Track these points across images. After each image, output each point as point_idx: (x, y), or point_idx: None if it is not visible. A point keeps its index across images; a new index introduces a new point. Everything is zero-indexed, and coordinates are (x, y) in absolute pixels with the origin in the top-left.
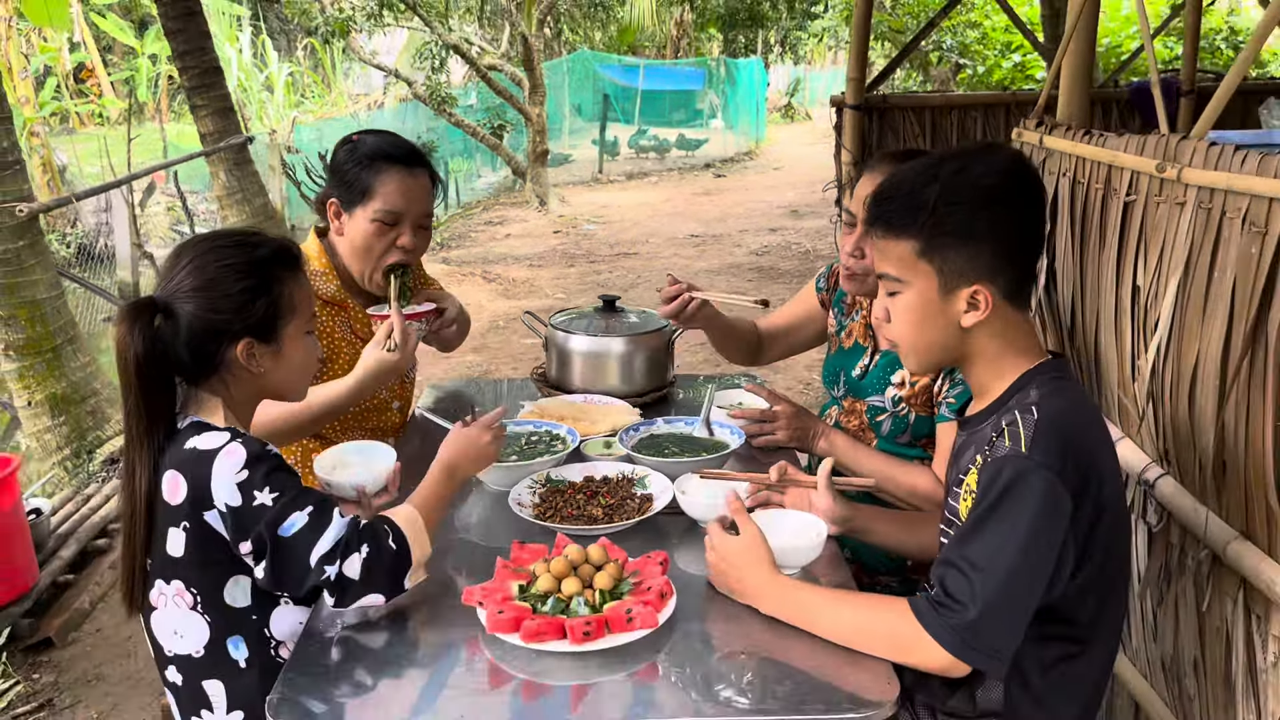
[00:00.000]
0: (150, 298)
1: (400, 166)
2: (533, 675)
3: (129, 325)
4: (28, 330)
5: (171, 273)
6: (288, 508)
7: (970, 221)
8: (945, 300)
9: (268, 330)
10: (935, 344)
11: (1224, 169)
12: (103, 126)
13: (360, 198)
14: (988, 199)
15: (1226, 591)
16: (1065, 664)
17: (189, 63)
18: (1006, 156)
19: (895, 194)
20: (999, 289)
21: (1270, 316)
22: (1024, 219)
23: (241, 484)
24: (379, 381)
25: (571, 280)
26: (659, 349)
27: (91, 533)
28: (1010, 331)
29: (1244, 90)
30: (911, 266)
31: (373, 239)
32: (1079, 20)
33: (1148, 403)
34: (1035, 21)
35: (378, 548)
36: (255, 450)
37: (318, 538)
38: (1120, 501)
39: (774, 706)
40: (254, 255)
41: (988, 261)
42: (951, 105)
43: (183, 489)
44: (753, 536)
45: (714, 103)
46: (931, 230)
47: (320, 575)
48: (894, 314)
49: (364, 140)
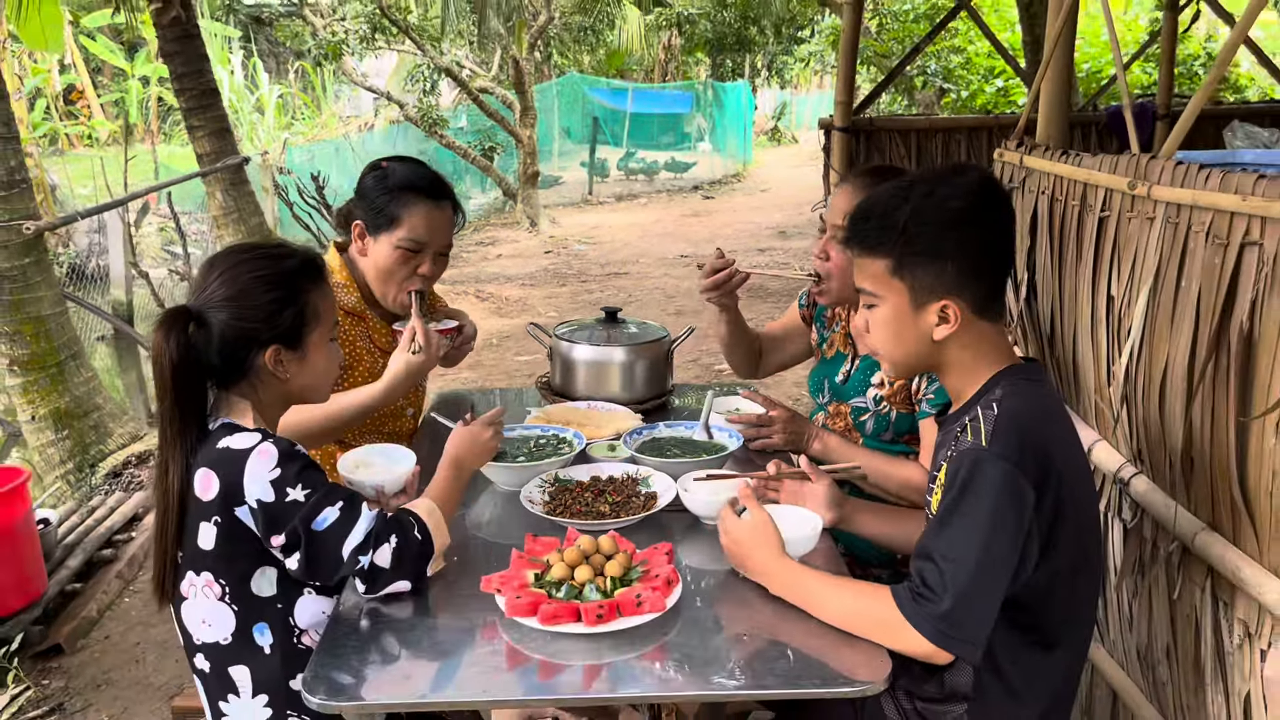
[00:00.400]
0: (184, 306)
1: (427, 199)
2: (548, 656)
3: (165, 332)
4: (32, 346)
5: (204, 283)
6: (320, 503)
7: (938, 241)
8: (917, 314)
9: (294, 338)
10: (910, 354)
11: (1190, 186)
12: (92, 147)
13: (387, 225)
14: (954, 220)
15: (1195, 580)
16: (1035, 655)
17: (187, 84)
18: (973, 179)
19: (870, 215)
20: (968, 303)
21: (1231, 322)
22: (990, 238)
23: (275, 481)
24: (408, 383)
25: (564, 299)
26: (659, 358)
27: (97, 544)
28: (982, 342)
29: (1214, 114)
30: (885, 283)
31: (396, 265)
32: (1056, 47)
33: (1122, 405)
34: (1017, 47)
35: (405, 538)
36: (286, 449)
37: (349, 531)
38: (1088, 500)
39: (773, 683)
40: (282, 267)
41: (955, 278)
42: (936, 128)
43: (215, 486)
44: (763, 521)
45: (702, 126)
46: (902, 249)
47: (354, 565)
48: (872, 326)
49: (394, 169)
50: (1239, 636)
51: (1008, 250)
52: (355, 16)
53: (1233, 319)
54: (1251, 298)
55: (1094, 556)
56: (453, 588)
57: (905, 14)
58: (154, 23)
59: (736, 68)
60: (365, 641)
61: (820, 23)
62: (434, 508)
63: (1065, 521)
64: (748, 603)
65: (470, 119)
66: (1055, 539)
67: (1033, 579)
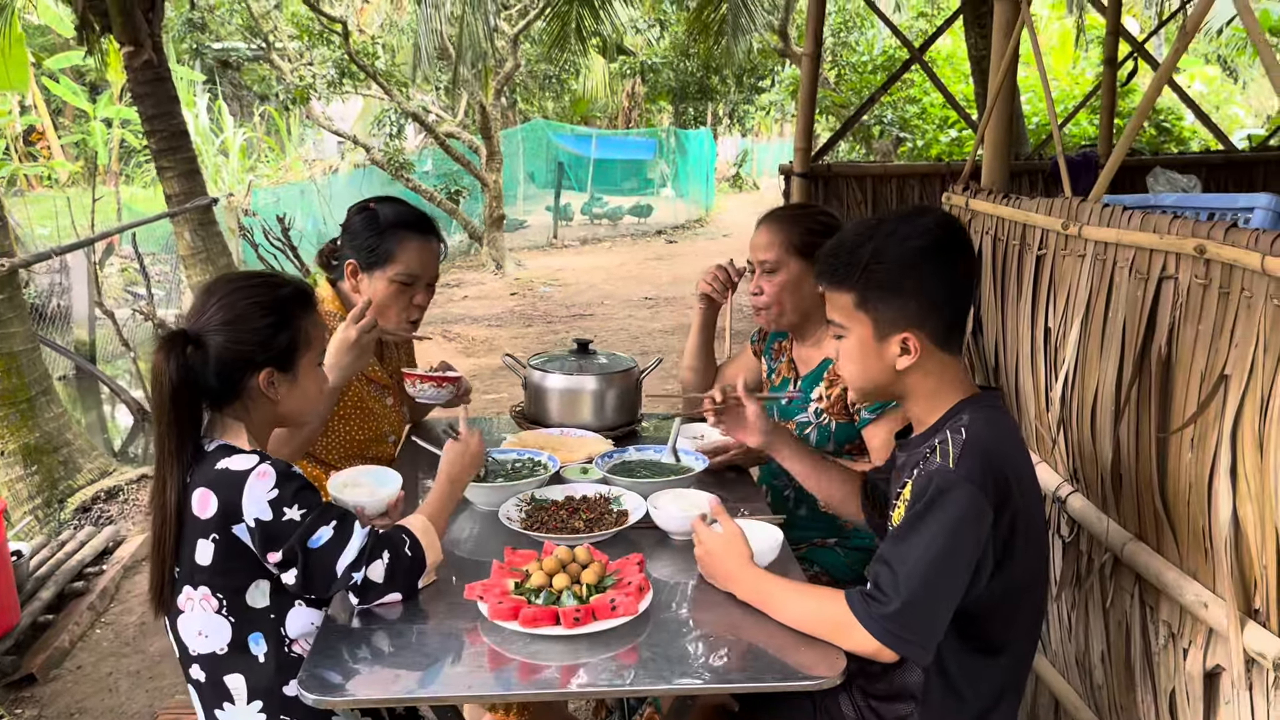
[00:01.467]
0: (183, 330)
1: (418, 235)
2: (528, 656)
3: (165, 354)
4: (3, 382)
5: (202, 308)
6: (315, 522)
7: (900, 277)
8: (881, 345)
9: (287, 361)
10: (874, 382)
11: (1115, 226)
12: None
13: (381, 261)
14: (915, 257)
15: (1125, 588)
16: (980, 660)
17: (157, 126)
18: (933, 220)
19: (838, 251)
20: (928, 335)
21: (1151, 348)
22: (948, 274)
23: (273, 501)
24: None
25: (530, 340)
26: (629, 387)
27: (69, 576)
28: (943, 372)
29: (1145, 163)
30: (851, 315)
31: (391, 299)
32: (997, 100)
33: (1059, 428)
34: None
35: (397, 554)
36: (284, 470)
37: (343, 548)
38: (1036, 519)
39: (737, 677)
40: (277, 294)
41: (916, 312)
42: (890, 174)
43: (213, 505)
44: (734, 532)
45: (665, 172)
46: (866, 284)
47: (348, 581)
48: (840, 355)
49: (382, 209)
50: (1164, 638)
51: (967, 287)
52: (322, 62)
53: (1153, 345)
54: (1169, 325)
55: (1041, 572)
56: (438, 596)
57: (863, 65)
58: (125, 66)
59: (699, 115)
60: (357, 644)
61: (780, 73)
62: (428, 525)
63: (1018, 539)
64: (714, 607)
65: (436, 163)
66: (1010, 555)
67: (985, 592)
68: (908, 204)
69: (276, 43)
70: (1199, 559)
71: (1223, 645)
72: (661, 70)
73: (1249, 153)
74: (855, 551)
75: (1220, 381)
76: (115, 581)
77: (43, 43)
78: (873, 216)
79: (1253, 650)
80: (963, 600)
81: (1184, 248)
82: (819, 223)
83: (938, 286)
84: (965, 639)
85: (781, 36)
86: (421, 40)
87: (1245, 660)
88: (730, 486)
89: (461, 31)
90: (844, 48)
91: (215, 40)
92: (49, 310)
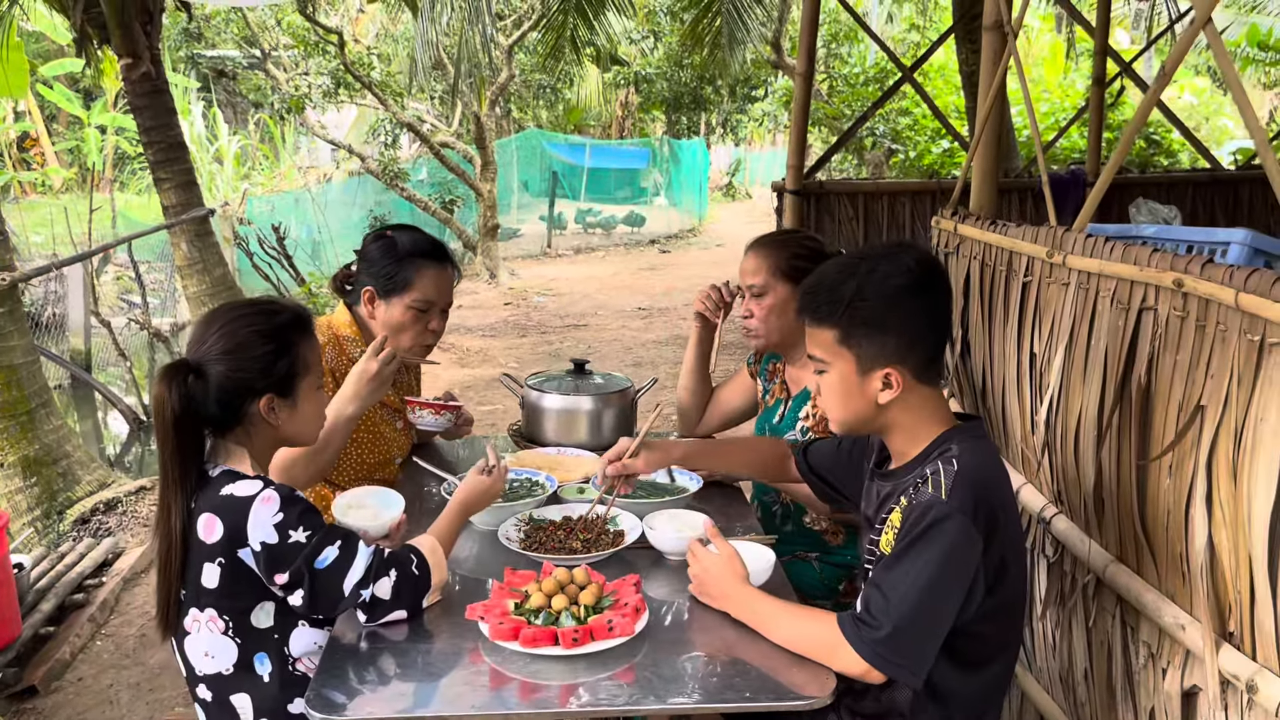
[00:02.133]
0: (184, 360)
1: (434, 263)
2: (528, 676)
3: (167, 384)
4: (3, 394)
5: (203, 337)
6: (320, 543)
7: (882, 316)
8: (863, 380)
9: (287, 387)
10: (857, 416)
11: (1098, 256)
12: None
13: (400, 289)
14: (897, 295)
15: (1107, 608)
16: (967, 675)
17: (155, 137)
18: (913, 258)
19: (819, 288)
20: (909, 370)
21: (1132, 376)
22: (928, 312)
23: (278, 525)
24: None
25: (525, 350)
26: (624, 407)
27: (69, 588)
28: (924, 405)
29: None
30: (833, 351)
31: (409, 323)
32: (985, 126)
33: (1043, 452)
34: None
35: (404, 572)
36: (287, 495)
37: (349, 568)
38: (1019, 542)
39: (731, 696)
40: (276, 321)
41: (897, 349)
42: (882, 192)
43: (218, 530)
44: (730, 554)
45: (658, 181)
46: (848, 322)
47: (356, 599)
48: (822, 389)
49: (399, 237)
50: (1144, 658)
51: (945, 322)
52: (318, 71)
53: (1133, 374)
54: (1148, 355)
55: (1024, 591)
56: (440, 616)
57: (855, 77)
58: (123, 78)
59: (692, 125)
60: (362, 663)
61: (774, 83)
62: (436, 545)
63: (1009, 565)
64: (708, 628)
65: (431, 171)
66: (1001, 580)
67: (976, 612)
68: (899, 221)
69: (272, 52)
70: (1177, 582)
71: (1199, 666)
72: (656, 80)
73: (1235, 170)
74: (832, 567)
75: (1197, 411)
76: (115, 594)
77: (37, 49)
78: (853, 253)
79: (1227, 672)
80: (958, 620)
81: (1163, 280)
82: (805, 248)
83: (919, 323)
84: (955, 655)
85: (775, 48)
86: (418, 52)
87: (1220, 681)
88: (724, 506)
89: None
90: (836, 59)
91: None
92: (44, 319)
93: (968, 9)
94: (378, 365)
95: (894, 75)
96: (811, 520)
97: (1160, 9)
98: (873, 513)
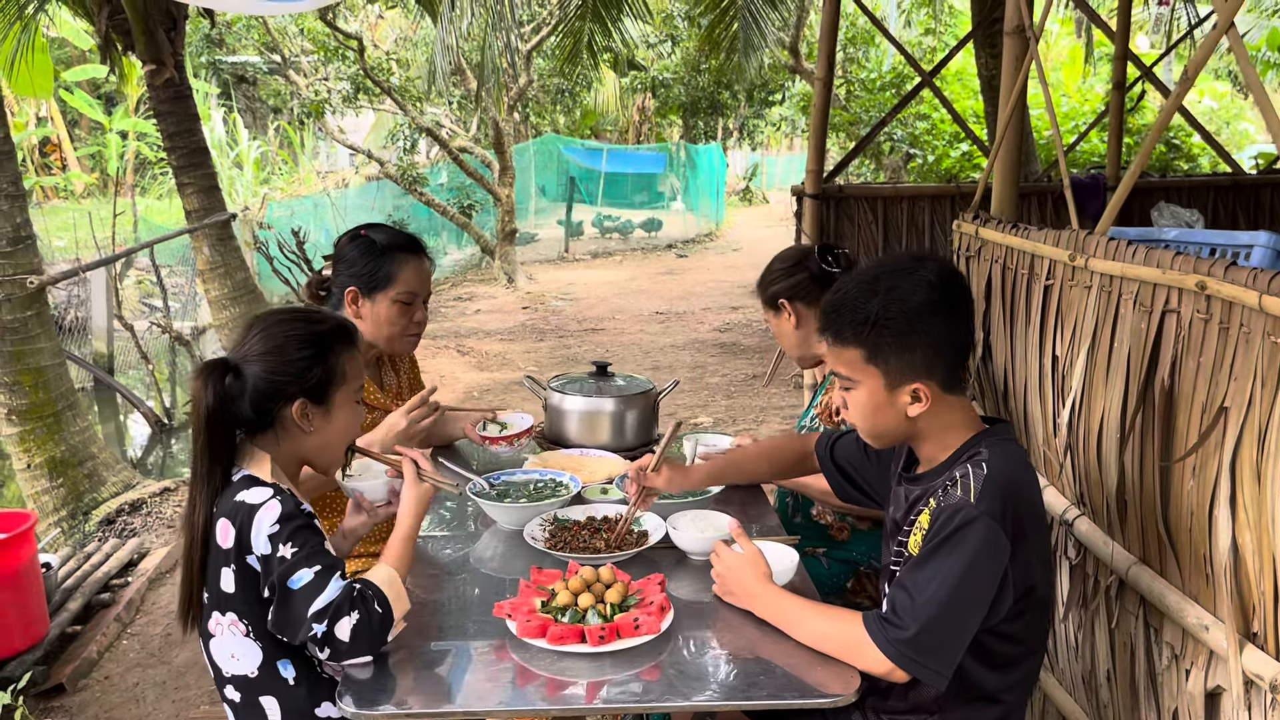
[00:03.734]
0: (224, 358)
1: (413, 255)
2: (555, 673)
3: (204, 380)
4: (31, 396)
5: (245, 339)
6: (300, 563)
7: (908, 333)
8: (892, 395)
9: (321, 394)
10: (886, 429)
11: (1120, 260)
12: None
13: (384, 284)
14: (920, 312)
15: (1130, 610)
16: (996, 675)
17: (178, 143)
18: (934, 272)
19: (842, 309)
20: (937, 382)
21: (1155, 379)
22: (952, 324)
23: (272, 536)
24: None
25: (543, 354)
26: (646, 408)
27: (95, 588)
28: (951, 412)
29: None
30: (860, 369)
31: (396, 317)
32: (1006, 132)
33: (1066, 454)
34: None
35: (367, 614)
36: (289, 509)
37: (316, 595)
38: (1045, 544)
39: (756, 694)
40: (315, 329)
41: (924, 363)
42: (901, 196)
43: (231, 535)
44: (755, 553)
45: (675, 186)
46: (875, 341)
47: (309, 631)
48: (850, 405)
49: (375, 234)
50: (1167, 659)
51: (968, 332)
52: (338, 77)
53: (1156, 376)
54: (1171, 358)
55: (1050, 592)
56: (467, 614)
57: (872, 82)
58: (147, 84)
59: (709, 130)
60: (392, 659)
61: (791, 88)
62: (393, 576)
63: (1036, 569)
64: (732, 627)
65: (449, 176)
66: (1029, 583)
67: (1010, 612)
68: (918, 226)
69: (293, 57)
70: (1200, 583)
71: (1223, 667)
72: (673, 85)
73: (1257, 175)
74: (840, 564)
75: (1220, 414)
76: (140, 593)
77: (59, 55)
78: (870, 268)
79: (1251, 672)
80: (987, 623)
81: (1186, 283)
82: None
83: (944, 336)
84: (984, 656)
85: (792, 53)
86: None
87: (1244, 681)
88: (745, 506)
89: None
90: (853, 64)
91: (231, 54)
92: (66, 322)
93: (987, 14)
94: (406, 423)
95: (911, 80)
96: (818, 513)
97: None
98: (900, 516)
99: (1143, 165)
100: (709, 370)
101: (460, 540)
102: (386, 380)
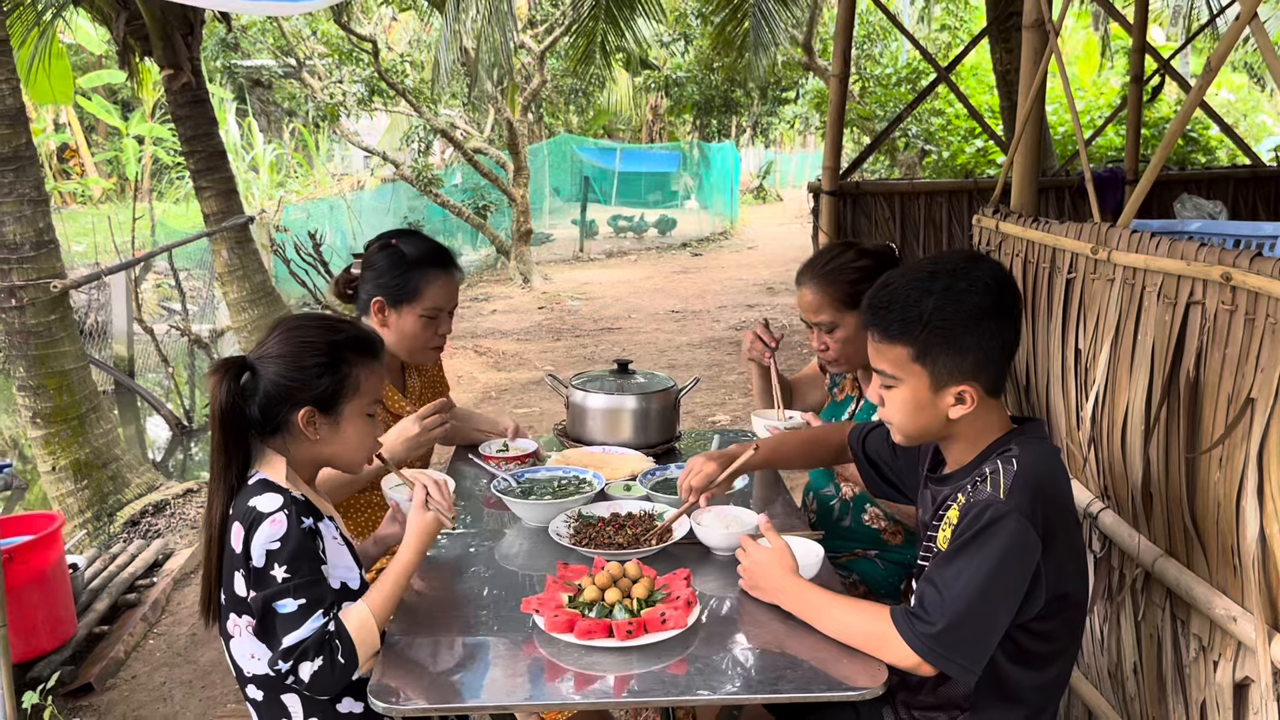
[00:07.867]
0: (241, 356)
1: (441, 269)
2: (582, 668)
3: (220, 377)
4: (55, 399)
5: (265, 340)
6: (288, 591)
7: (960, 334)
8: (935, 396)
9: (330, 403)
10: (924, 429)
11: (1143, 252)
12: (85, 205)
13: (410, 297)
14: (974, 314)
15: (1156, 602)
16: (1030, 672)
17: (196, 147)
18: (989, 274)
19: (892, 305)
20: (983, 386)
21: (1180, 371)
22: (1006, 329)
23: (270, 552)
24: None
25: (559, 353)
26: (668, 405)
27: (122, 588)
28: (989, 415)
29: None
30: (905, 367)
31: (421, 330)
32: (1025, 126)
33: (1089, 447)
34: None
35: (330, 664)
36: (293, 528)
37: (292, 630)
38: (1078, 541)
39: (784, 687)
40: (332, 338)
41: (974, 366)
42: (919, 192)
43: (241, 540)
44: (782, 548)
45: (689, 184)
46: (925, 340)
47: (276, 662)
48: (888, 402)
49: (405, 245)
50: (1195, 651)
51: (1016, 335)
52: (353, 80)
53: (1181, 368)
54: (1196, 350)
55: (1083, 588)
56: (495, 609)
57: (886, 78)
58: (165, 89)
59: (722, 128)
60: (420, 655)
61: (804, 85)
62: (369, 620)
63: (1068, 566)
64: (759, 621)
65: (464, 177)
66: (1062, 580)
67: (1044, 609)
68: (936, 222)
69: (307, 61)
70: (1228, 574)
71: (1251, 658)
72: (686, 84)
73: (1277, 166)
74: (894, 565)
75: (1247, 405)
76: (166, 593)
77: (75, 61)
78: (922, 265)
79: None
80: (1019, 619)
81: (1210, 274)
82: (857, 270)
83: (996, 341)
84: (1017, 652)
85: (806, 50)
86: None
87: (1273, 672)
88: (768, 503)
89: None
90: (868, 60)
91: (246, 59)
92: (87, 326)
93: (1003, 9)
94: (419, 430)
95: (926, 75)
96: (870, 518)
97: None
98: (929, 517)
99: (1165, 156)
100: (725, 368)
101: (485, 537)
102: (410, 384)
